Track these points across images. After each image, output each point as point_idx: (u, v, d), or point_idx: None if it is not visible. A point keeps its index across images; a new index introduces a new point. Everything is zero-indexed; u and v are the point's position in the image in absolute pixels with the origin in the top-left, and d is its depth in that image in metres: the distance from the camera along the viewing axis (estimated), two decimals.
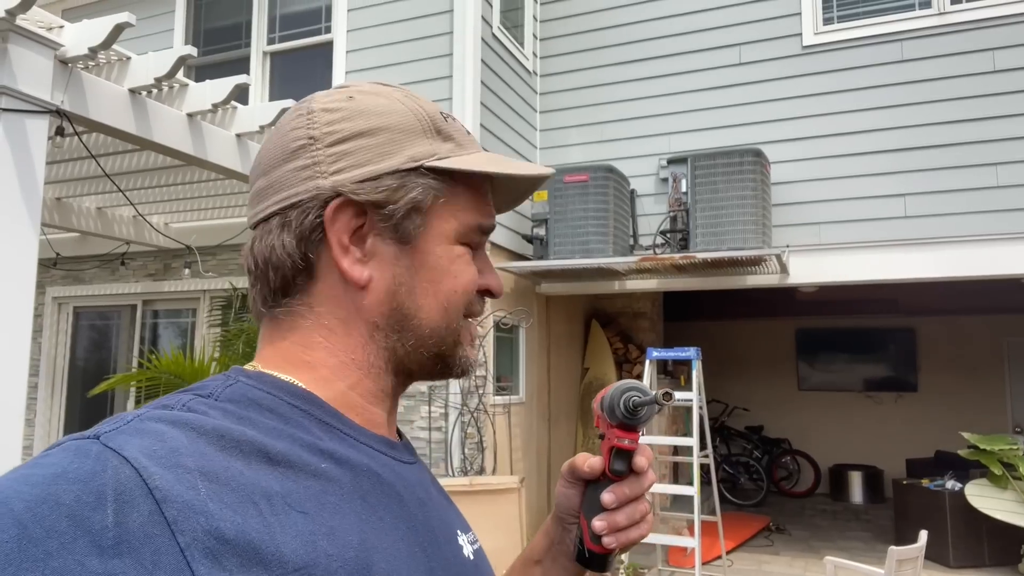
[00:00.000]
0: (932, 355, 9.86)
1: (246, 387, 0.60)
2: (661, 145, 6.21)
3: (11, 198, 2.94)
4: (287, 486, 0.53)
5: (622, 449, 0.73)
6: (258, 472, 0.52)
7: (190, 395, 0.57)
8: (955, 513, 6.12)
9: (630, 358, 7.54)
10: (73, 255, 6.59)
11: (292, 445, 0.56)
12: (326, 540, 0.52)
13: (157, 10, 6.78)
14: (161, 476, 0.47)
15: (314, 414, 0.61)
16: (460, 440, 5.24)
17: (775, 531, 7.42)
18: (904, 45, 5.59)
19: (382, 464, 0.63)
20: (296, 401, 0.61)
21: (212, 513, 0.48)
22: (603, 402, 0.74)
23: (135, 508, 0.46)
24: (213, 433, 0.52)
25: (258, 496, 0.51)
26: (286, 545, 0.50)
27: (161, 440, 0.50)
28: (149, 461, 0.48)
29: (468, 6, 5.54)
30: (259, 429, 0.56)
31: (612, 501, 0.74)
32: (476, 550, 0.72)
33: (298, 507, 0.52)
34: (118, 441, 0.49)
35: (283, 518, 0.51)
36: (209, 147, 4.05)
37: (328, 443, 0.59)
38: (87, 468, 0.47)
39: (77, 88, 3.28)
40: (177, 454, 0.49)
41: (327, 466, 0.57)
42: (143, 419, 0.52)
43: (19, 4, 2.81)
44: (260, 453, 0.54)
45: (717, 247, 5.32)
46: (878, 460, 9.55)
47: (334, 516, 0.54)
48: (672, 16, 6.30)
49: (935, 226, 5.37)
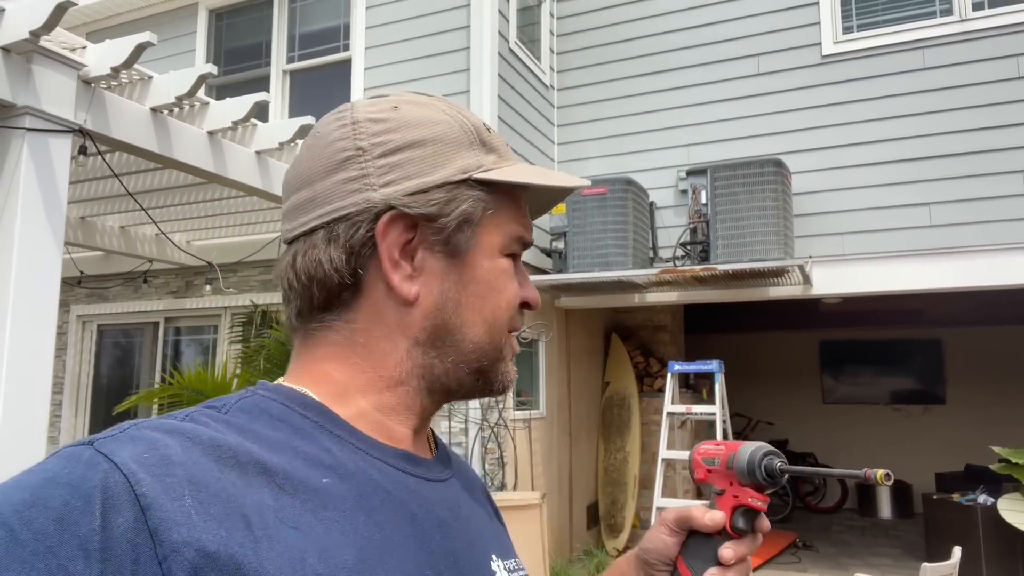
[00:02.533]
0: (960, 367, 9.68)
1: (261, 399, 0.59)
2: (680, 157, 6.18)
3: (36, 216, 2.98)
4: (282, 500, 0.52)
5: (751, 508, 0.74)
6: (252, 485, 0.51)
7: (200, 407, 0.57)
8: (988, 528, 5.97)
9: (651, 372, 7.47)
10: (97, 273, 6.67)
11: (294, 459, 0.55)
12: (316, 558, 0.50)
13: (179, 31, 6.88)
14: (148, 483, 0.47)
15: (326, 426, 0.59)
16: (480, 455, 5.21)
17: (802, 547, 7.29)
18: (925, 53, 5.53)
19: (394, 480, 0.60)
20: (308, 413, 0.60)
21: (195, 525, 0.47)
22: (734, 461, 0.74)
23: (120, 514, 0.45)
24: (209, 443, 0.52)
25: (248, 509, 0.49)
26: (271, 562, 0.48)
27: (154, 448, 0.49)
28: (139, 467, 0.47)
29: (485, 21, 5.57)
30: (261, 442, 0.55)
31: (731, 558, 0.73)
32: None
33: (291, 522, 0.51)
34: (110, 447, 0.49)
35: (273, 533, 0.49)
36: (229, 164, 4.09)
37: (337, 456, 0.58)
38: (77, 473, 0.46)
39: (100, 107, 3.32)
40: (168, 463, 0.48)
41: (328, 481, 0.55)
42: (140, 427, 0.51)
43: (43, 25, 2.85)
44: (257, 465, 0.52)
45: (738, 259, 5.27)
46: (906, 474, 9.36)
47: (330, 533, 0.52)
48: (689, 28, 6.29)
49: (960, 235, 5.27)
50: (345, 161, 0.63)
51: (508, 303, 0.67)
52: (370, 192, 0.62)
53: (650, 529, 0.80)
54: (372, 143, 0.63)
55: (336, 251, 0.62)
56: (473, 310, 0.65)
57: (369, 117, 0.64)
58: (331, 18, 6.34)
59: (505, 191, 0.67)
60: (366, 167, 0.62)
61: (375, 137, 0.63)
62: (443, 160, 0.63)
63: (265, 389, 0.61)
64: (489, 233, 0.66)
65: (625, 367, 7.38)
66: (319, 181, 0.64)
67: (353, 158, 0.63)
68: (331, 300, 0.63)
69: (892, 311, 9.10)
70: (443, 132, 0.64)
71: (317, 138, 0.66)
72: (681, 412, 5.21)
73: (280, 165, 4.48)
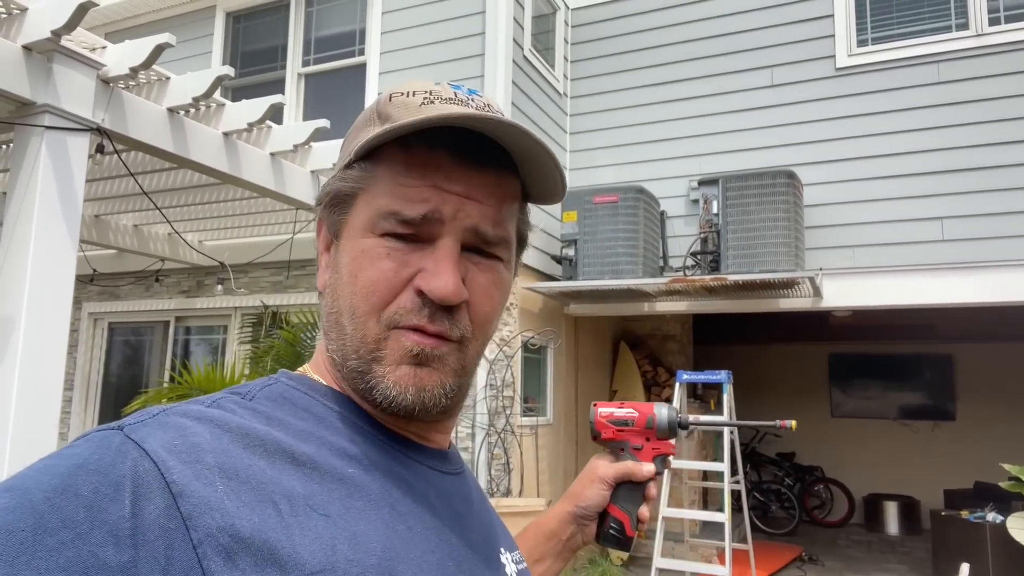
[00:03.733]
0: (971, 383, 9.61)
1: (285, 387, 0.60)
2: (692, 167, 6.18)
3: (53, 213, 3.01)
4: (311, 488, 0.52)
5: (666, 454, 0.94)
6: (281, 472, 0.51)
7: (225, 393, 0.57)
8: (997, 547, 5.91)
9: (659, 381, 7.45)
10: (110, 271, 6.72)
11: (320, 448, 0.55)
12: (347, 545, 0.50)
13: (197, 33, 6.95)
14: (179, 470, 0.47)
15: (349, 417, 0.60)
16: (487, 461, 5.21)
17: (808, 561, 7.24)
18: (940, 67, 5.52)
19: (415, 473, 0.61)
20: (331, 403, 0.60)
21: (228, 511, 0.47)
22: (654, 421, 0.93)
23: (151, 501, 0.45)
24: (237, 431, 0.52)
25: (279, 496, 0.50)
26: (304, 547, 0.48)
27: (183, 435, 0.49)
28: (168, 455, 0.47)
29: (500, 29, 5.60)
30: (287, 430, 0.55)
31: (656, 494, 0.91)
32: (521, 570, 0.69)
33: (320, 510, 0.51)
34: (140, 433, 0.49)
35: (303, 520, 0.49)
36: (244, 165, 4.12)
37: (361, 447, 0.58)
38: (107, 459, 0.46)
39: (118, 107, 3.35)
40: (198, 450, 0.49)
41: (354, 471, 0.56)
42: (169, 413, 0.51)
43: (64, 25, 2.89)
44: (285, 453, 0.52)
45: (749, 269, 5.26)
46: (914, 490, 9.29)
47: (358, 521, 0.53)
48: (703, 38, 6.30)
49: (973, 250, 5.25)
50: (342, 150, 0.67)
51: (364, 288, 0.58)
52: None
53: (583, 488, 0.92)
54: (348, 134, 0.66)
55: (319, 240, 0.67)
56: (341, 297, 0.60)
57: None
58: (347, 23, 6.39)
59: (381, 161, 0.60)
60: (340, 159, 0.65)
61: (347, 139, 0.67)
62: (348, 146, 0.63)
63: (288, 378, 0.62)
64: (358, 212, 0.60)
65: (633, 376, 7.37)
66: None
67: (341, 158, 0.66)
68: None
69: (903, 325, 9.05)
70: (362, 117, 0.64)
71: None
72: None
73: (293, 167, 4.51)
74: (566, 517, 0.91)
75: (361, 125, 0.64)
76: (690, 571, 5.31)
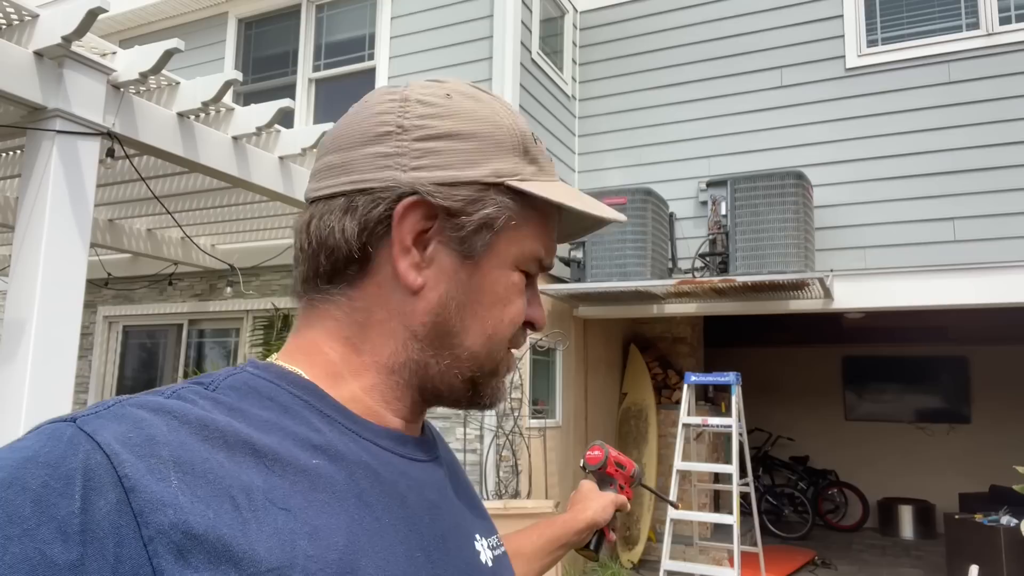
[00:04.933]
0: (986, 385, 9.50)
1: (250, 376, 0.58)
2: (700, 168, 6.17)
3: (63, 217, 3.06)
4: (272, 481, 0.51)
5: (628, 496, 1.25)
6: (241, 465, 0.50)
7: (187, 383, 0.56)
8: (1011, 550, 5.84)
9: (669, 384, 7.43)
10: (124, 275, 6.80)
11: (283, 439, 0.54)
12: (307, 540, 0.49)
13: (209, 40, 7.03)
14: (132, 464, 0.45)
15: (316, 405, 0.58)
16: (495, 463, 5.22)
17: (821, 565, 7.18)
18: (951, 67, 5.48)
19: (384, 462, 0.60)
20: (298, 391, 0.59)
21: (182, 506, 0.45)
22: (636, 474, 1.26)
23: (102, 496, 0.44)
24: (196, 423, 0.50)
25: (237, 490, 0.48)
26: (261, 543, 0.47)
27: (138, 427, 0.48)
28: (122, 448, 0.46)
29: (508, 32, 5.62)
30: (250, 421, 0.53)
31: None
32: (497, 556, 0.69)
33: (281, 504, 0.50)
34: (94, 425, 0.47)
35: (262, 515, 0.48)
36: (253, 169, 4.16)
37: (327, 436, 0.57)
38: (58, 452, 0.45)
39: (128, 111, 3.40)
40: (153, 442, 0.47)
41: (319, 462, 0.54)
42: (125, 404, 0.50)
43: (75, 31, 2.94)
44: (246, 445, 0.51)
45: (758, 271, 5.24)
46: (929, 494, 9.20)
47: (320, 515, 0.51)
48: (711, 40, 6.29)
49: (986, 251, 5.20)
50: (383, 135, 0.62)
51: (511, 318, 0.65)
52: (398, 172, 0.61)
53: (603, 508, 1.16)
54: (414, 124, 0.62)
55: (351, 222, 0.60)
56: (475, 317, 0.63)
57: (420, 98, 0.63)
58: (357, 28, 6.44)
59: (535, 207, 0.65)
60: (402, 146, 0.61)
61: (419, 119, 0.62)
62: (480, 159, 0.62)
63: (254, 367, 0.60)
64: (508, 244, 0.64)
65: (643, 378, 7.36)
66: (353, 149, 0.63)
67: (391, 134, 0.62)
68: (336, 271, 0.62)
69: (917, 328, 8.97)
70: (487, 130, 0.63)
71: (364, 106, 0.65)
72: (697, 424, 5.18)
73: (303, 171, 4.55)
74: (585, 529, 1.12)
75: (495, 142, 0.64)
76: (699, 574, 5.30)
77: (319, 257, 0.62)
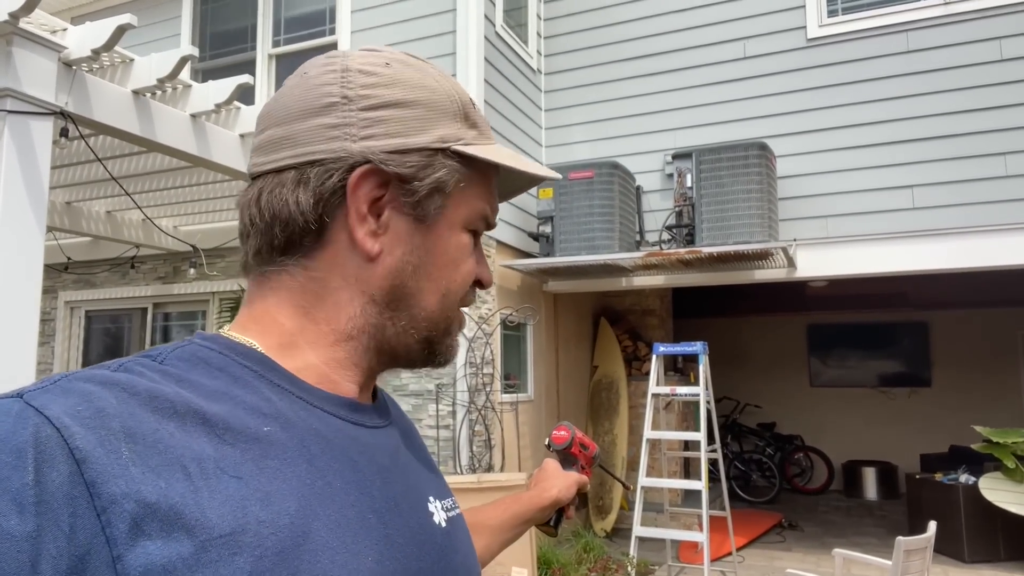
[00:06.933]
0: (946, 349, 9.78)
1: (199, 347, 0.59)
2: (667, 141, 6.20)
3: (17, 198, 2.98)
4: (222, 450, 0.51)
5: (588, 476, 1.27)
6: (191, 435, 0.51)
7: (134, 357, 0.56)
8: (969, 507, 6.06)
9: (639, 356, 7.52)
10: (84, 259, 6.66)
11: (234, 408, 0.54)
12: (259, 505, 0.50)
13: (164, 15, 6.84)
14: (83, 436, 0.46)
15: (266, 376, 0.59)
16: (468, 438, 5.25)
17: (787, 527, 7.38)
18: (909, 36, 5.55)
19: (335, 428, 0.61)
20: (248, 362, 0.59)
21: (133, 477, 0.46)
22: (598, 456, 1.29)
23: (54, 468, 0.44)
24: (145, 394, 0.51)
25: (188, 459, 0.49)
26: (213, 510, 0.48)
27: (87, 400, 0.48)
28: (72, 421, 0.46)
29: (471, 5, 5.56)
30: (199, 391, 0.54)
31: None
32: (452, 517, 0.71)
33: (232, 471, 0.51)
34: (42, 400, 0.47)
35: (213, 482, 0.49)
36: (213, 147, 4.08)
37: (277, 405, 0.57)
38: (7, 427, 0.45)
39: (81, 90, 3.31)
40: (102, 415, 0.48)
41: (270, 429, 0.55)
42: (72, 379, 0.50)
43: (22, 7, 2.84)
44: (196, 415, 0.52)
45: (723, 241, 5.30)
46: (892, 456, 9.47)
47: (272, 481, 0.52)
48: (675, 12, 6.29)
49: (943, 217, 5.32)
50: (328, 106, 0.62)
51: (463, 277, 0.68)
52: (348, 142, 0.61)
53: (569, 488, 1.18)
54: (359, 94, 0.63)
55: (304, 194, 0.61)
56: (430, 278, 0.66)
57: (360, 68, 0.64)
58: (317, 2, 6.32)
59: (478, 168, 0.67)
60: (349, 116, 0.62)
61: (363, 89, 0.63)
62: (426, 125, 0.64)
63: (202, 339, 0.60)
64: (457, 206, 0.66)
65: (613, 351, 7.43)
66: (298, 121, 0.63)
67: (337, 105, 0.62)
68: (292, 243, 0.62)
69: (878, 294, 9.17)
70: (430, 98, 0.65)
71: (303, 78, 0.65)
72: (665, 393, 5.26)
73: None
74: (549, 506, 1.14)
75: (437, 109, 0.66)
76: (669, 538, 5.41)
77: (273, 230, 0.62)
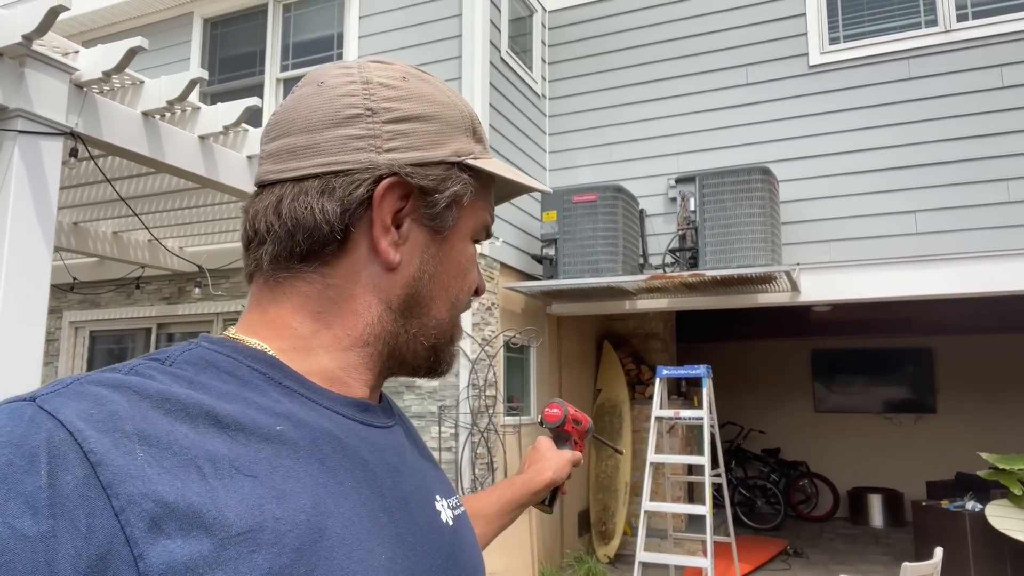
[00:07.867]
0: (951, 375, 9.72)
1: (206, 351, 0.59)
2: (670, 165, 6.24)
3: (26, 218, 3.01)
4: (236, 449, 0.52)
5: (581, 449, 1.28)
6: (204, 435, 0.51)
7: (143, 359, 0.56)
8: (976, 534, 5.99)
9: (642, 379, 7.50)
10: (90, 279, 6.69)
11: (246, 408, 0.55)
12: (275, 503, 0.51)
13: (174, 40, 6.94)
14: (97, 440, 0.46)
15: (275, 378, 0.59)
16: (471, 460, 5.23)
17: (793, 555, 7.30)
18: (911, 63, 5.61)
19: (346, 428, 0.61)
20: (257, 365, 0.60)
21: (149, 477, 0.47)
22: (590, 429, 1.29)
23: (69, 471, 0.45)
24: (157, 396, 0.51)
25: (202, 459, 0.50)
26: (230, 509, 0.48)
27: (100, 404, 0.49)
28: (85, 424, 0.47)
29: (476, 32, 5.63)
30: (210, 393, 0.54)
31: None
32: (458, 516, 0.72)
33: (246, 470, 0.51)
34: (54, 404, 0.48)
35: (228, 481, 0.50)
36: (221, 169, 4.12)
37: (287, 407, 0.58)
38: (20, 431, 0.46)
39: (91, 111, 3.36)
40: (115, 418, 0.48)
41: (282, 429, 0.56)
42: (83, 383, 0.51)
43: (35, 29, 2.89)
44: (208, 416, 0.52)
45: (726, 265, 5.32)
46: (898, 483, 9.39)
47: (286, 480, 0.53)
48: (678, 39, 6.36)
49: (946, 242, 5.33)
50: (353, 117, 0.63)
51: (469, 287, 0.71)
52: (374, 154, 0.63)
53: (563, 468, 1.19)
54: (383, 107, 0.64)
55: (331, 204, 0.62)
56: (442, 287, 0.68)
57: (380, 81, 0.65)
58: (325, 27, 6.41)
59: (482, 181, 0.70)
60: (374, 128, 0.63)
61: (386, 102, 0.64)
62: (443, 139, 0.66)
63: (209, 342, 0.61)
64: (467, 217, 0.69)
65: (617, 374, 7.41)
66: (321, 131, 0.63)
67: (362, 116, 0.63)
68: (313, 251, 0.63)
69: (883, 320, 9.15)
70: (445, 112, 0.67)
71: (320, 87, 0.65)
72: (669, 416, 5.24)
73: None
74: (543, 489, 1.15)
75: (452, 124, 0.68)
76: (673, 564, 5.35)
77: (295, 237, 0.62)
